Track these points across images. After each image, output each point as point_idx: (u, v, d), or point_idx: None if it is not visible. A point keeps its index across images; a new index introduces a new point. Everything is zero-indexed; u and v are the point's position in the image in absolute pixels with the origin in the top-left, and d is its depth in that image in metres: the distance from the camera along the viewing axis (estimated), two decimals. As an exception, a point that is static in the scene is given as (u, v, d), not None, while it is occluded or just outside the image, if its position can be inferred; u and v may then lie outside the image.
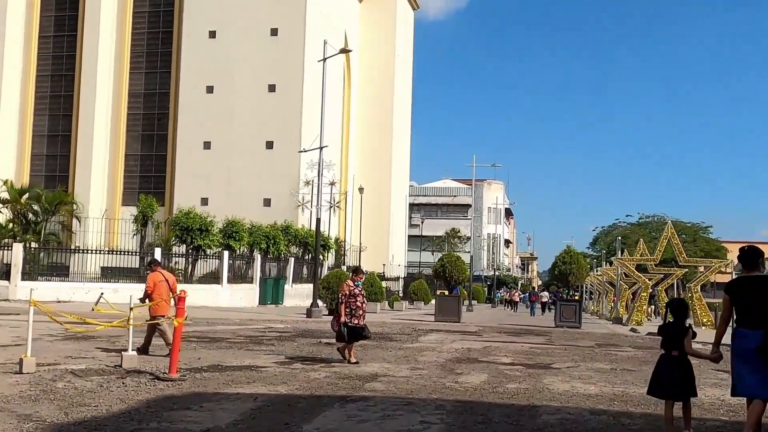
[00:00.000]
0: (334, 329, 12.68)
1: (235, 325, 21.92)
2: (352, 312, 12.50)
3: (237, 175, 48.73)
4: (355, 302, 12.55)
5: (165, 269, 14.62)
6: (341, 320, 12.45)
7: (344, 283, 13.01)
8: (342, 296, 12.71)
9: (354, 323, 12.47)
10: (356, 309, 12.56)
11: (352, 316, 12.48)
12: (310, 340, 17.15)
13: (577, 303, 29.04)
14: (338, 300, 12.92)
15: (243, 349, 14.51)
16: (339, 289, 13.16)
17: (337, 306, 12.94)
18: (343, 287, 12.87)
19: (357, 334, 12.57)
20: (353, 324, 12.46)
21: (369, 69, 67.38)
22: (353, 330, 12.49)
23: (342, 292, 12.76)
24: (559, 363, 13.89)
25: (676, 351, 7.10)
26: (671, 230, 35.62)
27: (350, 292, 12.59)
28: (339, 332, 12.52)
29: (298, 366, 12.14)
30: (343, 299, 12.61)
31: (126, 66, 53.36)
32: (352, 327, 12.44)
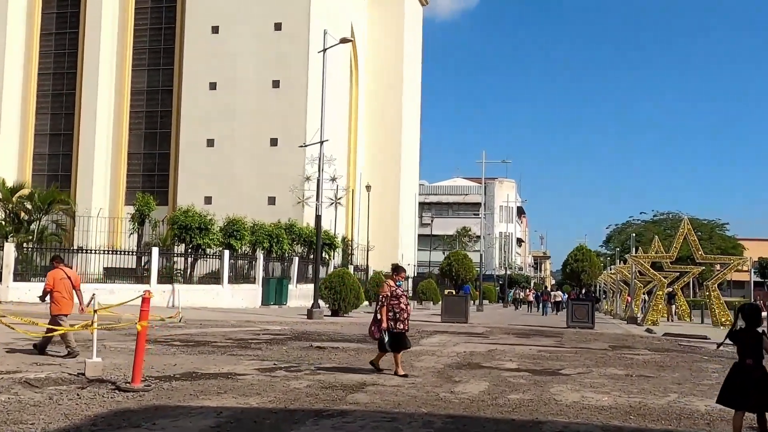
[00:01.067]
0: (375, 336, 11.06)
1: (230, 327, 20.87)
2: (395, 316, 10.93)
3: (241, 173, 47.74)
4: (399, 305, 10.97)
5: (67, 266, 13.52)
6: (383, 326, 10.83)
7: (385, 283, 11.37)
8: (383, 298, 11.01)
9: (399, 329, 10.92)
10: (400, 312, 10.97)
11: (396, 320, 10.91)
12: (303, 343, 16.05)
13: (590, 302, 27.79)
14: (379, 302, 11.13)
15: (226, 354, 13.44)
16: (379, 290, 11.29)
17: (377, 309, 11.17)
18: (384, 288, 11.23)
19: (402, 342, 10.99)
20: (398, 330, 10.91)
21: (376, 65, 66.34)
22: (398, 337, 10.90)
23: (383, 294, 11.10)
24: (568, 368, 12.72)
25: (751, 359, 6.57)
26: (688, 226, 34.34)
27: (393, 293, 11.02)
28: (381, 340, 10.91)
29: (280, 373, 11.04)
30: (385, 301, 10.95)
31: (128, 63, 52.50)
32: (396, 334, 10.89)
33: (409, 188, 72.18)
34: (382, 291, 11.18)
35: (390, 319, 10.89)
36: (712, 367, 13.72)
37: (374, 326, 11.03)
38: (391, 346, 10.85)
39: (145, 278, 31.21)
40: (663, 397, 9.72)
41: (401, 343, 10.99)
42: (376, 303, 11.41)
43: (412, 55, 72.07)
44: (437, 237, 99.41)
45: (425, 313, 37.21)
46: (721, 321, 32.61)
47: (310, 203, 28.92)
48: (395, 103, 67.43)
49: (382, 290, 11.21)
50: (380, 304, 11.05)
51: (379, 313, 11.02)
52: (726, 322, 32.58)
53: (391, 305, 10.97)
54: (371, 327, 11.17)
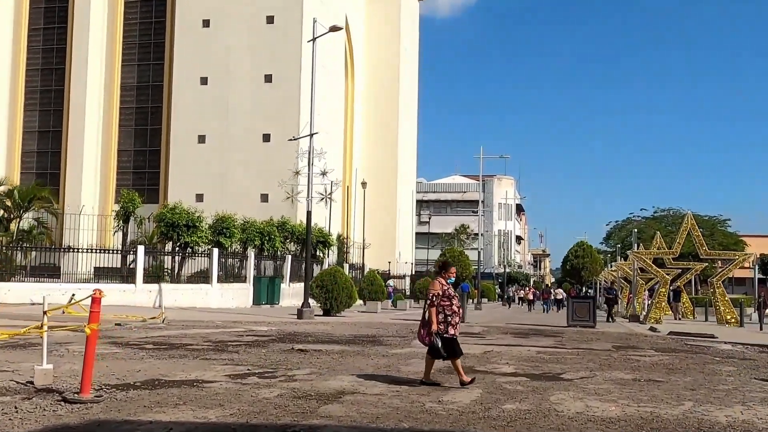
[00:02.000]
0: (425, 341, 9.72)
1: (213, 329, 19.84)
2: (446, 319, 9.66)
3: (233, 170, 46.66)
4: (451, 306, 9.69)
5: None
6: (434, 329, 9.55)
7: (435, 281, 9.90)
8: (434, 297, 9.67)
9: (450, 333, 9.67)
10: (452, 315, 9.70)
11: (447, 324, 9.65)
12: (285, 345, 15.00)
13: (591, 301, 26.76)
14: (428, 302, 9.75)
15: (199, 359, 12.39)
16: (429, 288, 9.88)
17: (425, 311, 9.83)
18: (434, 286, 9.78)
19: (455, 348, 9.74)
20: (450, 335, 9.66)
21: (373, 61, 65.37)
22: (450, 343, 9.66)
23: (433, 292, 9.69)
24: (570, 372, 11.67)
25: None
26: (692, 221, 33.29)
27: (444, 293, 9.72)
28: (432, 346, 9.59)
29: (252, 380, 10.00)
30: (435, 300, 9.66)
31: (118, 58, 51.39)
32: (449, 339, 9.65)
33: (406, 185, 71.19)
34: (432, 289, 9.79)
35: (440, 321, 9.62)
36: (726, 369, 12.68)
37: (423, 329, 9.71)
38: (444, 352, 9.54)
39: (130, 278, 30.21)
40: (677, 405, 8.68)
41: (455, 349, 9.71)
42: (424, 303, 9.98)
43: (409, 51, 71.07)
44: (436, 235, 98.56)
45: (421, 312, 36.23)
46: (726, 319, 31.58)
47: (300, 199, 27.78)
48: (392, 99, 66.46)
49: (432, 288, 9.81)
50: (429, 303, 9.72)
51: (427, 313, 9.75)
52: (731, 320, 31.57)
53: (441, 306, 9.67)
54: (420, 330, 9.85)
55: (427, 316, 9.74)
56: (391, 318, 28.91)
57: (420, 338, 9.89)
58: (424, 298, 10.09)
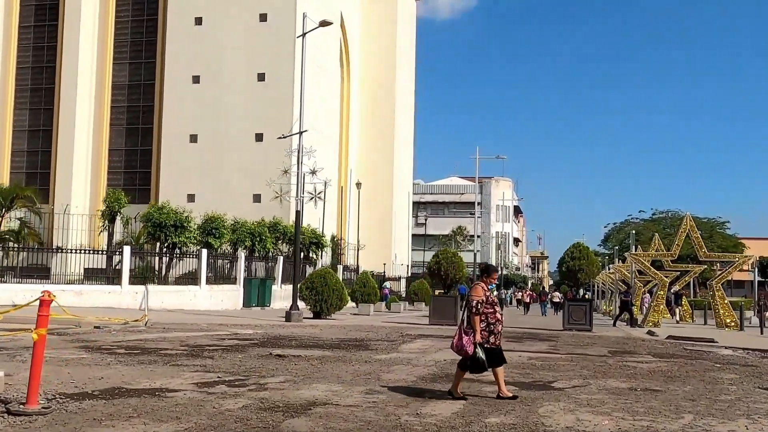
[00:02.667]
0: (467, 351, 8.71)
1: (196, 332, 19.15)
2: (489, 328, 8.84)
3: (225, 170, 45.91)
4: (494, 314, 8.91)
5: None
6: (477, 339, 8.71)
7: (477, 286, 9.02)
8: (477, 304, 8.78)
9: (492, 344, 8.86)
10: (495, 324, 8.88)
11: (490, 333, 8.84)
12: (264, 350, 14.30)
13: (587, 303, 26.06)
14: (470, 309, 8.83)
15: (170, 365, 11.70)
16: (470, 294, 8.98)
17: (464, 319, 8.96)
18: (476, 291, 8.91)
19: (499, 359, 8.95)
20: (491, 345, 8.85)
21: (369, 61, 64.69)
22: (494, 354, 8.86)
23: (476, 298, 8.80)
24: (562, 380, 10.98)
25: None
26: (691, 223, 32.58)
27: (487, 299, 8.90)
28: (474, 357, 8.71)
29: (219, 389, 9.30)
30: (479, 308, 8.79)
31: (109, 56, 50.65)
32: (492, 350, 8.84)
33: (403, 186, 70.49)
34: (474, 295, 8.88)
35: (483, 329, 8.78)
36: (727, 377, 11.99)
37: (467, 338, 8.74)
38: (487, 363, 8.79)
39: (116, 279, 29.51)
40: (676, 419, 8.00)
41: (499, 360, 8.96)
42: (464, 310, 9.07)
43: (406, 51, 70.42)
44: (433, 237, 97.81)
45: (415, 314, 35.57)
46: (726, 322, 30.89)
47: (289, 198, 27.09)
48: (389, 99, 65.76)
49: (474, 294, 8.89)
50: (472, 311, 8.78)
51: (469, 322, 8.83)
52: (731, 324, 30.89)
53: (484, 314, 8.83)
54: (460, 340, 8.77)
55: (465, 325, 8.86)
56: (383, 321, 28.24)
57: (456, 347, 8.84)
58: (465, 305, 9.05)
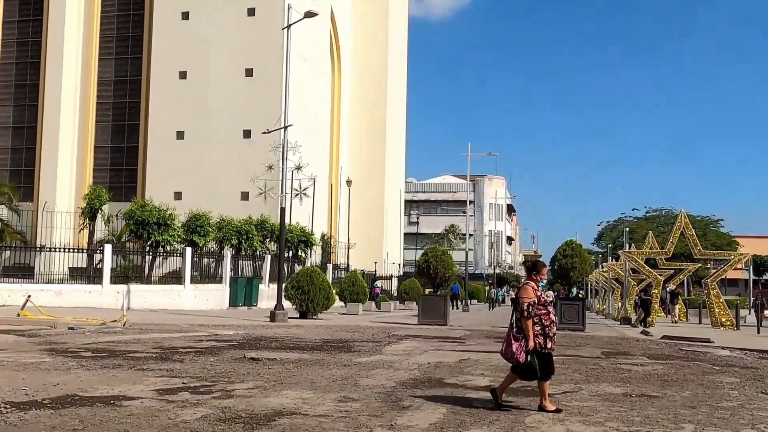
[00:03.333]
0: (518, 359, 7.93)
1: (173, 333, 18.43)
2: (543, 331, 7.98)
3: (212, 167, 45.10)
4: (548, 315, 8.04)
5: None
6: (531, 345, 7.88)
7: (527, 286, 8.11)
8: (528, 305, 7.89)
9: (548, 348, 8.06)
10: (549, 326, 8.03)
11: (545, 336, 8.01)
12: (239, 353, 13.58)
13: (580, 302, 25.41)
14: (520, 312, 7.97)
15: (135, 369, 10.97)
16: (520, 294, 8.07)
17: (514, 322, 8.08)
18: (526, 291, 8.01)
19: (551, 366, 8.13)
20: (548, 350, 8.06)
21: (360, 58, 64.06)
22: (546, 359, 8.03)
23: (527, 299, 7.91)
24: (552, 385, 10.24)
25: None
26: (685, 220, 31.99)
27: (539, 299, 8.03)
28: (526, 364, 7.91)
29: (181, 397, 8.59)
30: (530, 310, 7.90)
31: (94, 52, 49.79)
32: (545, 355, 8.04)
33: (394, 184, 69.84)
34: (524, 296, 7.97)
35: (538, 334, 7.95)
36: (727, 381, 11.32)
37: (517, 344, 7.93)
38: (540, 370, 7.96)
39: (97, 278, 28.73)
40: (675, 429, 7.33)
41: (550, 367, 8.13)
42: (513, 312, 8.17)
43: (398, 49, 69.78)
44: (425, 235, 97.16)
45: (405, 314, 34.87)
46: (722, 321, 30.29)
47: (273, 194, 26.37)
48: (380, 97, 65.14)
49: (524, 295, 7.98)
50: (524, 314, 7.90)
51: (519, 326, 7.98)
52: (726, 323, 30.30)
53: (537, 316, 7.97)
54: (510, 346, 7.99)
55: (515, 330, 8.01)
56: (371, 321, 27.55)
57: (507, 355, 8.05)
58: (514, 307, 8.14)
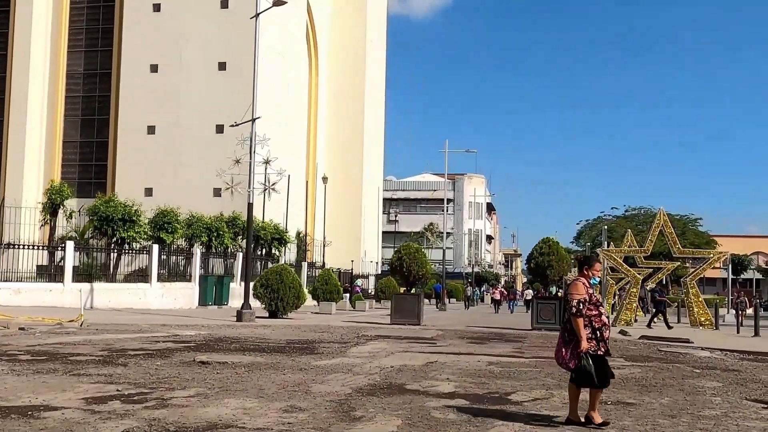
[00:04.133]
0: (569, 365, 7.11)
1: (130, 333, 17.50)
2: (595, 333, 7.11)
3: (184, 163, 43.95)
4: (599, 316, 7.16)
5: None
6: (583, 347, 6.99)
7: (577, 282, 7.24)
8: (578, 304, 7.04)
9: (602, 350, 7.16)
10: (602, 327, 7.14)
11: (598, 340, 7.12)
12: (191, 355, 12.69)
13: (557, 302, 24.71)
14: (569, 311, 7.12)
15: (70, 374, 10.08)
16: (570, 292, 7.21)
17: (566, 323, 7.23)
18: (577, 288, 7.15)
19: (607, 371, 7.21)
20: (601, 352, 7.15)
21: (338, 54, 63.21)
22: (601, 363, 7.13)
23: (577, 297, 7.06)
24: (522, 391, 9.53)
25: None
26: (664, 217, 31.43)
27: (590, 298, 7.16)
28: (580, 369, 7.03)
29: (108, 407, 7.72)
30: (581, 308, 7.05)
31: (63, 44, 48.42)
32: (599, 358, 7.11)
33: (372, 182, 69.02)
34: (575, 293, 7.10)
35: (589, 336, 7.06)
36: (709, 386, 10.61)
37: (566, 349, 7.09)
38: (596, 376, 7.01)
39: (58, 276, 27.67)
40: (654, 444, 6.56)
41: (606, 372, 7.20)
42: (563, 313, 7.39)
43: (376, 47, 68.94)
44: (405, 234, 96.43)
45: (380, 313, 34.02)
46: (701, 321, 29.76)
47: (241, 189, 25.49)
48: (358, 94, 64.34)
49: (575, 292, 7.12)
50: (573, 313, 7.04)
51: (569, 326, 7.11)
52: (705, 322, 29.80)
53: (588, 316, 7.10)
54: (561, 351, 7.16)
55: (566, 332, 7.18)
56: (343, 320, 26.72)
57: (561, 361, 7.20)
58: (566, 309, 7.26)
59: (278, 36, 45.69)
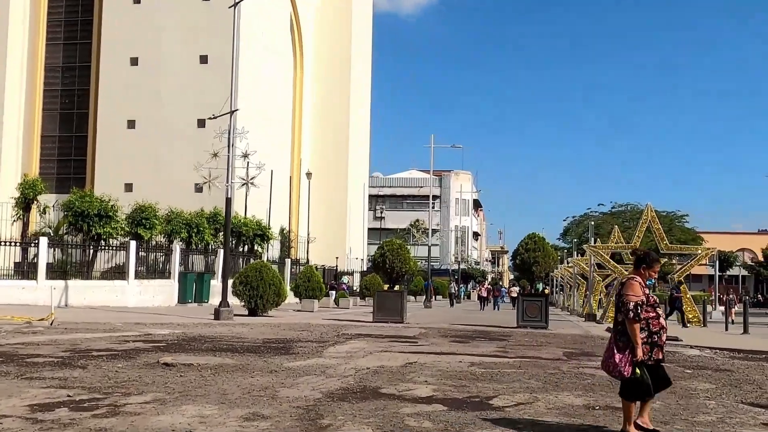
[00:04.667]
0: (621, 372, 6.32)
1: (102, 333, 16.83)
2: (651, 338, 6.38)
3: (165, 158, 43.17)
4: (657, 320, 6.42)
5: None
6: (639, 355, 6.26)
7: (633, 281, 6.49)
8: (635, 306, 6.27)
9: (657, 357, 6.44)
10: (660, 332, 6.43)
11: (653, 345, 6.39)
12: (158, 356, 12.04)
13: (543, 299, 24.22)
14: (625, 314, 6.31)
15: (21, 378, 9.42)
16: (624, 292, 6.43)
17: (619, 327, 6.47)
18: (633, 287, 6.40)
19: (664, 377, 6.58)
20: (656, 359, 6.44)
21: (323, 49, 62.50)
22: (657, 371, 6.45)
23: (633, 299, 6.31)
24: (504, 395, 8.95)
25: None
26: (652, 213, 31.07)
27: (648, 299, 6.40)
28: (635, 379, 6.29)
29: (55, 415, 7.07)
30: (638, 311, 6.28)
31: (42, 37, 47.54)
32: (654, 366, 6.43)
33: (358, 178, 68.34)
34: (630, 294, 6.35)
35: (645, 341, 6.32)
36: (702, 388, 10.08)
37: (621, 355, 6.34)
38: (652, 385, 6.34)
39: (32, 273, 26.89)
40: (646, 456, 5.99)
41: (663, 379, 6.56)
42: (617, 315, 6.53)
43: (362, 42, 68.27)
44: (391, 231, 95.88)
45: (363, 310, 33.42)
46: (689, 318, 29.43)
47: (219, 184, 24.82)
48: (343, 89, 63.68)
49: (630, 292, 6.37)
50: (629, 316, 6.26)
51: (623, 329, 6.39)
52: (693, 319, 29.46)
53: (645, 320, 6.34)
54: (611, 358, 6.41)
55: (618, 337, 6.43)
56: (325, 318, 26.11)
57: (608, 367, 6.48)
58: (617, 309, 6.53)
59: (262, 30, 45.01)
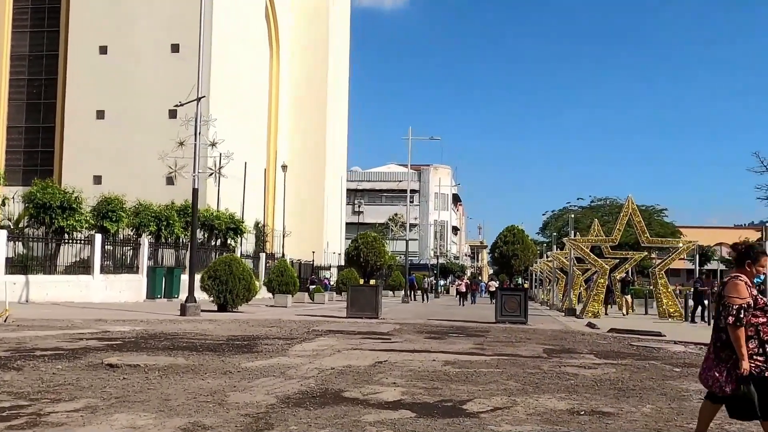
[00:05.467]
0: (723, 389, 5.33)
1: (56, 330, 15.80)
2: (762, 348, 5.33)
3: (135, 150, 41.93)
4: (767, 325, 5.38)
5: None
6: (745, 369, 5.22)
7: (737, 281, 5.44)
8: (739, 309, 5.30)
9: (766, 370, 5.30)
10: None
11: (765, 355, 5.32)
12: (105, 356, 11.09)
13: (522, 293, 23.48)
14: (728, 318, 5.32)
15: (-56, 382, 8.46)
16: (726, 293, 5.43)
17: (718, 333, 5.51)
18: (738, 288, 5.38)
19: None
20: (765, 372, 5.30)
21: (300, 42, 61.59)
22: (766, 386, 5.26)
23: (738, 301, 5.32)
24: (480, 398, 8.12)
25: None
26: (633, 205, 30.40)
27: (755, 301, 5.38)
28: (740, 396, 5.24)
29: (-37, 427, 6.16)
30: (742, 316, 5.29)
31: (7, 24, 46.06)
32: (764, 380, 5.24)
33: (335, 172, 67.48)
34: (733, 295, 5.36)
35: (754, 352, 5.30)
36: (693, 388, 9.34)
37: (721, 368, 5.38)
38: (761, 405, 5.19)
39: (-11, 268, 25.67)
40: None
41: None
42: (717, 318, 5.57)
43: (340, 36, 67.37)
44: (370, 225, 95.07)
45: (339, 306, 32.55)
46: (670, 312, 28.84)
47: (185, 174, 23.81)
48: (320, 83, 62.85)
49: (733, 294, 5.38)
50: (733, 322, 5.28)
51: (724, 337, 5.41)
52: (675, 314, 28.86)
53: (754, 324, 5.34)
54: (711, 370, 5.46)
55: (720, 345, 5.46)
56: (297, 314, 25.21)
57: (707, 381, 5.53)
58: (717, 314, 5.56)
59: (235, 20, 43.92)
